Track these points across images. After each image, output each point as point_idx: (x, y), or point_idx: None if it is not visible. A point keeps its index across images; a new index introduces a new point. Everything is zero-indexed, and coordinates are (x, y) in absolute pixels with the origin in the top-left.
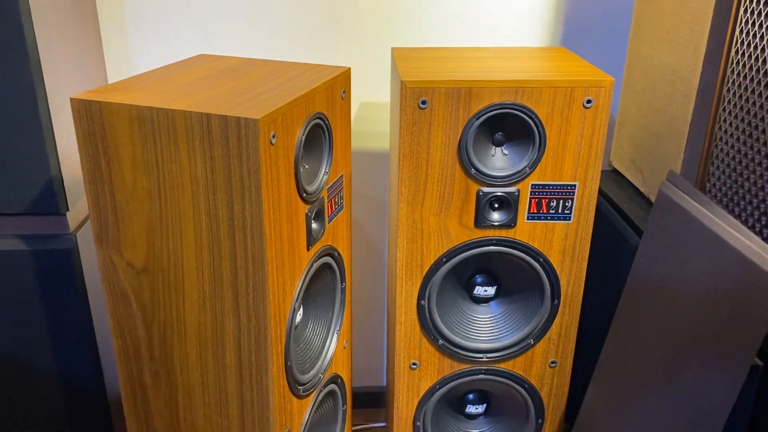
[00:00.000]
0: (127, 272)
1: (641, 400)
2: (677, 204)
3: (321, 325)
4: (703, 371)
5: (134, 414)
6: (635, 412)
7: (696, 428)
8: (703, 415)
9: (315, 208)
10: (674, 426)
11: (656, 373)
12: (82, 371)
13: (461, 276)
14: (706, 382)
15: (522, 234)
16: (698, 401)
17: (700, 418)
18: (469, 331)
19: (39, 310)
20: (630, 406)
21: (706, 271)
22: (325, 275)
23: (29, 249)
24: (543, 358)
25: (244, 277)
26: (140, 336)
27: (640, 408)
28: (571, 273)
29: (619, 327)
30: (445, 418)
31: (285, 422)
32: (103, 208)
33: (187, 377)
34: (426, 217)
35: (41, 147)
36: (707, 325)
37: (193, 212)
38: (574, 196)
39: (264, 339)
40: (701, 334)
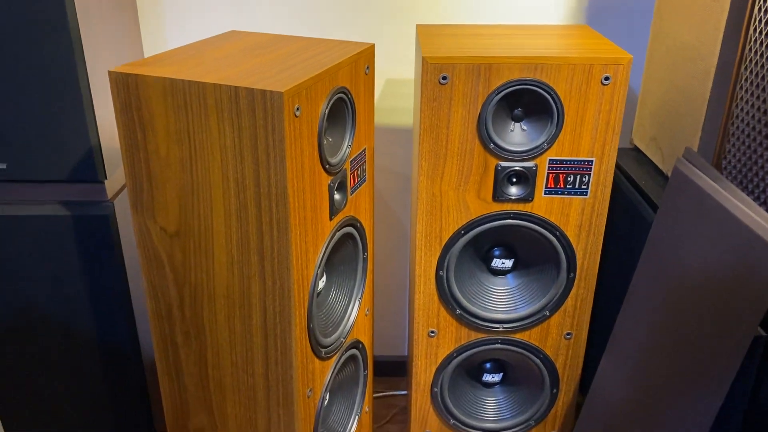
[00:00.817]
0: (161, 236)
1: (651, 370)
2: (691, 180)
3: (343, 292)
4: (709, 341)
5: (166, 372)
6: (645, 381)
7: (700, 396)
8: (707, 383)
9: (338, 179)
10: (681, 394)
11: (665, 343)
12: (119, 332)
13: (479, 248)
14: (712, 352)
15: (539, 208)
16: (704, 370)
17: (705, 387)
18: (486, 301)
19: (77, 273)
20: (640, 376)
21: (715, 246)
22: (347, 245)
23: (69, 214)
24: (558, 330)
25: (270, 243)
26: (172, 297)
27: (650, 377)
28: (587, 247)
29: (632, 300)
30: (462, 385)
31: (307, 381)
32: (139, 176)
33: (216, 337)
34: (445, 190)
35: (81, 118)
36: (714, 298)
37: (221, 180)
38: (591, 171)
39: (288, 302)
40: (709, 306)
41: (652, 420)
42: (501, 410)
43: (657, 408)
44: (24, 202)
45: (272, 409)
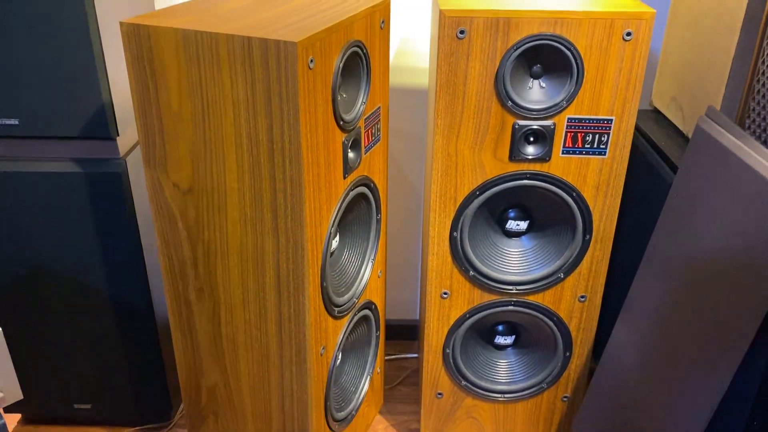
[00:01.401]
0: (174, 193)
1: (666, 335)
2: (713, 138)
3: (356, 253)
4: (728, 303)
5: (179, 329)
6: (660, 346)
7: (717, 358)
8: (725, 345)
9: (352, 137)
10: (696, 357)
11: (682, 306)
12: (131, 290)
13: (494, 210)
14: (731, 315)
15: (556, 168)
16: (721, 333)
17: (722, 349)
18: (500, 263)
19: (90, 231)
20: (655, 341)
21: (738, 205)
22: (361, 205)
23: (81, 171)
24: (573, 293)
25: (283, 200)
26: (186, 255)
27: (665, 342)
28: (604, 208)
29: (649, 262)
30: (474, 347)
31: (320, 339)
32: (151, 130)
33: (229, 295)
34: (461, 149)
35: (93, 73)
36: (735, 258)
37: (234, 135)
38: (611, 130)
39: (301, 260)
40: (729, 266)
41: (665, 385)
42: (513, 372)
43: (671, 373)
44: (36, 158)
45: (285, 367)
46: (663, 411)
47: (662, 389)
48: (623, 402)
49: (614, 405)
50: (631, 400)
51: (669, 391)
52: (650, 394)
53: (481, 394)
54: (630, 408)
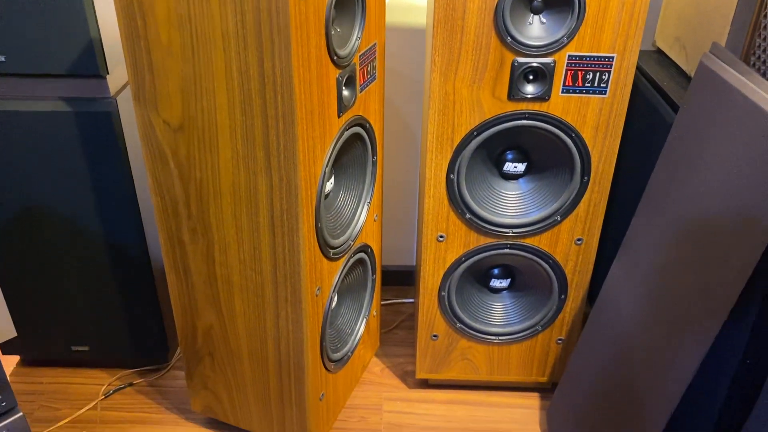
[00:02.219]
0: (164, 130)
1: (664, 272)
2: (717, 75)
3: (352, 195)
4: (728, 237)
5: (174, 269)
6: (657, 284)
7: (712, 298)
8: (725, 280)
9: (346, 74)
10: (693, 295)
11: (682, 244)
12: (125, 231)
13: (491, 152)
14: (729, 249)
15: (555, 108)
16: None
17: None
18: (497, 206)
19: (82, 171)
20: (653, 279)
21: (740, 141)
22: (356, 146)
23: (71, 110)
24: (569, 235)
25: (275, 137)
26: (178, 194)
27: (663, 279)
28: (603, 149)
29: (648, 202)
30: (469, 290)
31: (315, 280)
32: (140, 65)
33: (223, 234)
34: (459, 88)
35: (80, 8)
36: (735, 196)
37: (225, 69)
38: (612, 68)
39: (295, 199)
40: (729, 204)
41: (660, 326)
42: (508, 315)
43: (667, 314)
44: (24, 97)
45: (280, 307)
46: (657, 352)
47: (657, 330)
48: (617, 343)
49: (608, 346)
50: (625, 342)
51: (664, 331)
52: (644, 334)
53: (475, 336)
54: (624, 349)
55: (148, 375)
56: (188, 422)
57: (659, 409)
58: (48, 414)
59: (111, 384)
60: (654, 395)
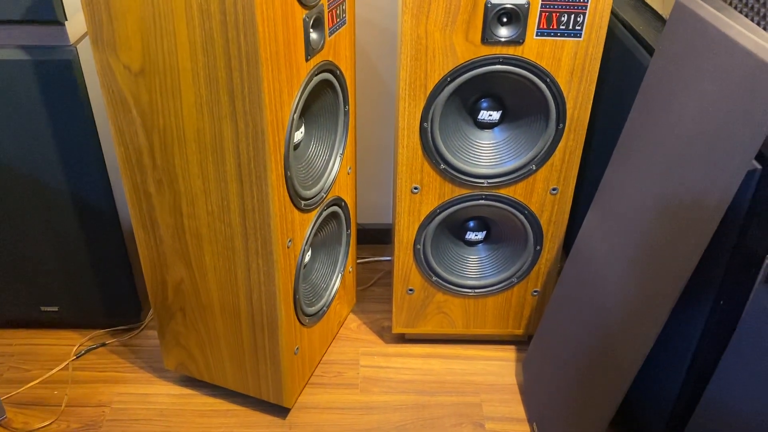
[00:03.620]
0: (125, 75)
1: (638, 218)
2: (693, 11)
3: (324, 146)
4: (702, 175)
5: (141, 223)
6: (631, 229)
7: (690, 231)
8: (699, 218)
9: (313, 14)
10: (665, 241)
11: (657, 183)
12: (91, 185)
13: (465, 100)
14: (705, 186)
15: (530, 52)
16: (696, 205)
17: (696, 222)
18: (471, 156)
19: (43, 123)
20: (627, 226)
21: (715, 76)
22: (327, 94)
23: (30, 59)
24: (544, 185)
25: (239, 80)
26: (141, 143)
27: (637, 225)
28: (578, 95)
29: (623, 147)
30: (445, 243)
31: (286, 231)
32: (96, 6)
33: (190, 185)
34: (431, 31)
35: None
36: (711, 131)
37: (185, 7)
38: (587, 10)
39: (262, 145)
40: (704, 139)
41: (635, 273)
42: (483, 268)
43: (641, 260)
44: None
45: (251, 259)
46: (631, 297)
47: (631, 275)
48: (591, 291)
49: (583, 295)
50: (599, 289)
51: (638, 276)
52: (619, 281)
53: (451, 290)
54: (598, 297)
55: (121, 335)
56: (162, 380)
57: (633, 353)
58: (18, 375)
59: (82, 344)
60: (628, 340)
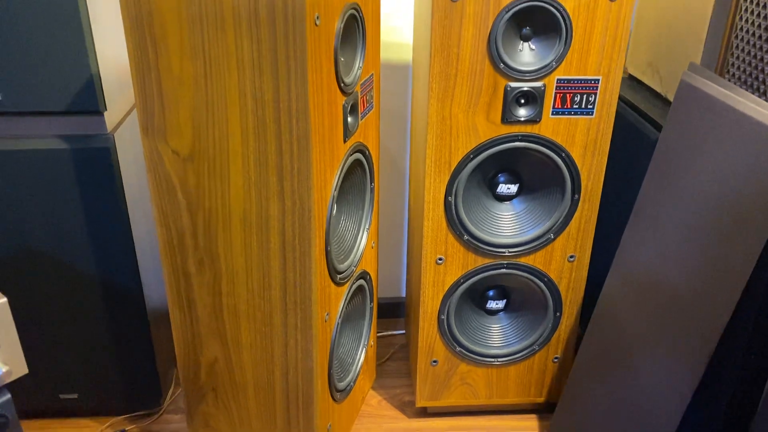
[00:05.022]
0: (173, 161)
1: (660, 281)
2: (700, 90)
3: (353, 221)
4: (722, 243)
5: (178, 304)
6: (654, 293)
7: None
8: (724, 281)
9: (350, 101)
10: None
11: (677, 253)
12: (120, 269)
13: (485, 174)
14: (726, 252)
15: (546, 129)
16: (719, 270)
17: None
18: (493, 226)
19: (77, 209)
20: (650, 289)
21: (728, 149)
22: (356, 172)
23: (69, 148)
24: (562, 253)
25: (290, 160)
26: (185, 225)
27: (659, 289)
28: (591, 167)
29: (639, 214)
30: (467, 313)
31: (325, 305)
32: (150, 97)
33: (231, 263)
34: (455, 113)
35: (81, 44)
36: (729, 199)
37: (239, 96)
38: (598, 90)
39: (308, 221)
40: (721, 208)
41: (661, 334)
42: (506, 336)
43: (666, 321)
44: (21, 136)
45: (289, 335)
46: (660, 360)
47: (659, 339)
48: (618, 356)
49: (609, 359)
50: (626, 353)
51: (666, 339)
52: (646, 345)
53: (475, 360)
54: (626, 361)
55: (141, 420)
56: None
57: (667, 415)
58: None
59: None
60: (660, 403)
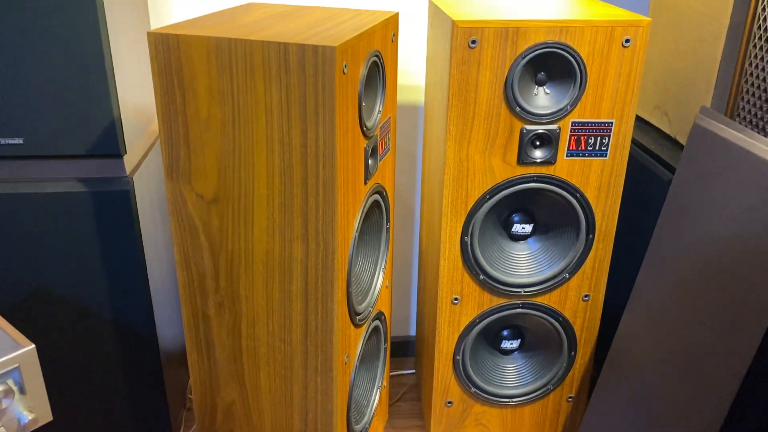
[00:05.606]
0: (197, 204)
1: (678, 323)
2: (713, 133)
3: (369, 261)
4: (739, 286)
5: (196, 346)
6: (674, 333)
7: (736, 337)
8: (743, 323)
9: (371, 144)
10: (711, 343)
11: (694, 295)
12: (135, 311)
13: (500, 214)
14: (743, 298)
15: (561, 170)
16: (737, 312)
17: (740, 328)
18: (508, 266)
19: (95, 251)
20: (667, 330)
21: (743, 193)
22: (374, 213)
23: (88, 191)
24: (577, 292)
25: (315, 203)
26: (206, 267)
27: (679, 329)
28: (605, 208)
29: (653, 255)
30: (482, 353)
31: (345, 348)
32: (176, 141)
33: (252, 306)
34: (471, 155)
35: (104, 89)
36: (745, 241)
37: (266, 141)
38: (611, 132)
39: (331, 264)
40: (739, 249)
41: (680, 375)
42: (521, 376)
43: (686, 363)
44: (40, 179)
45: (309, 378)
46: (682, 402)
47: (680, 380)
48: (636, 397)
49: (627, 400)
50: (645, 394)
51: (684, 382)
52: (666, 385)
53: (490, 400)
54: (644, 402)
55: None
56: None
57: None
58: None
59: None
60: None
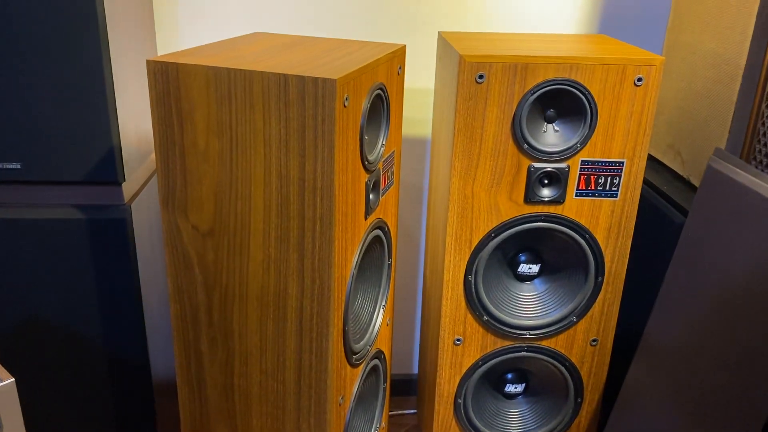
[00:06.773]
0: (192, 236)
1: (694, 367)
2: (727, 176)
3: (369, 299)
4: (756, 331)
5: (187, 382)
6: (687, 381)
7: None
8: (760, 371)
9: (373, 178)
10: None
11: (710, 342)
12: (129, 341)
13: (506, 253)
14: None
15: (570, 210)
16: (754, 359)
17: (757, 375)
18: (514, 307)
19: (90, 278)
20: (681, 377)
21: (759, 237)
22: (375, 249)
23: (85, 218)
24: (585, 336)
25: (311, 239)
26: (200, 301)
27: (692, 376)
28: (615, 250)
29: (665, 300)
30: (484, 396)
31: (340, 388)
32: (172, 171)
33: (245, 342)
34: (477, 192)
35: (104, 116)
36: (759, 286)
37: (264, 173)
38: (622, 173)
39: (327, 301)
40: (754, 294)
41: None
42: (524, 421)
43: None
44: (37, 205)
45: (302, 419)
46: None
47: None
48: None
49: None
50: None
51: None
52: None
53: None
54: None
55: None
56: None
57: None
58: None
59: None
60: None
